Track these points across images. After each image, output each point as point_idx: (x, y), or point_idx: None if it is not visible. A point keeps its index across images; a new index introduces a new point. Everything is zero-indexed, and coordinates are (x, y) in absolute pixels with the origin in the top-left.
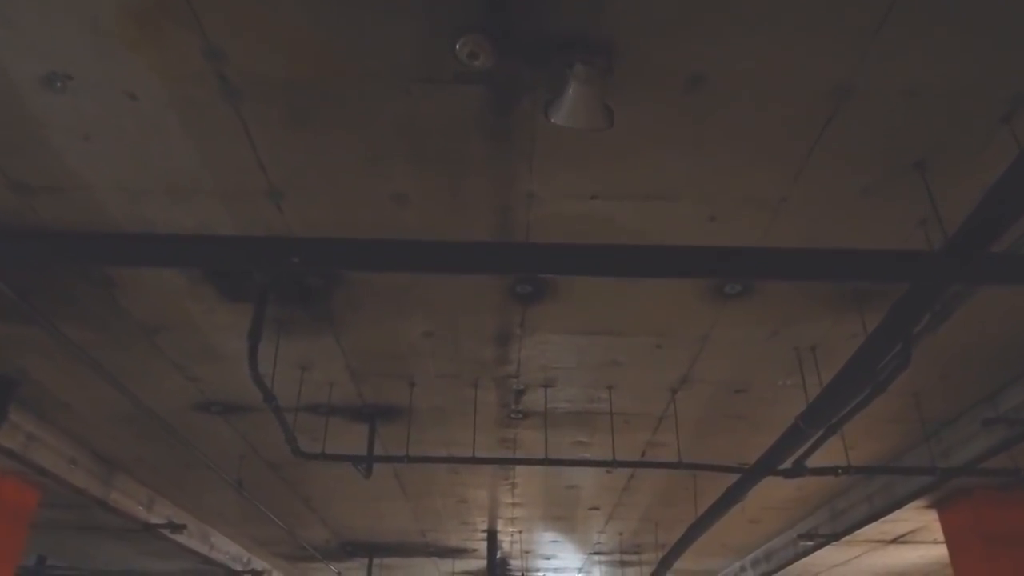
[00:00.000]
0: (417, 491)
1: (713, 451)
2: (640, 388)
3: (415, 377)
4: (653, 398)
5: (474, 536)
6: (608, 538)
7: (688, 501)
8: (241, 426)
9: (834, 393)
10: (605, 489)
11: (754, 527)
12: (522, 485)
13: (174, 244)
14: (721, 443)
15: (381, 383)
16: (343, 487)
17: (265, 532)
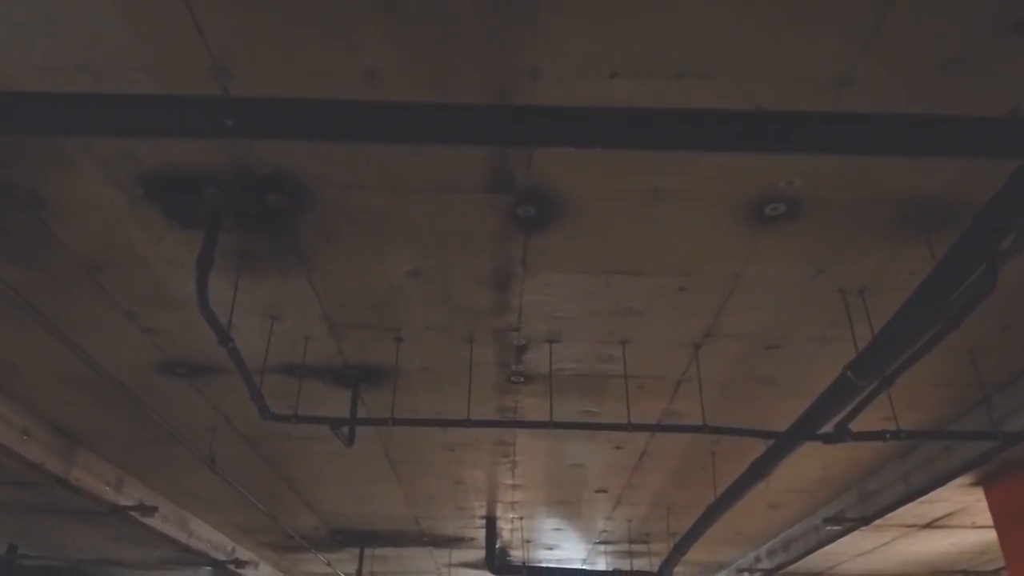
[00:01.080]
0: (409, 472)
1: (736, 421)
2: (658, 344)
3: (402, 330)
4: (672, 356)
5: (472, 524)
6: (615, 525)
7: (704, 484)
8: (210, 392)
9: (894, 334)
10: (613, 468)
11: (773, 513)
12: (523, 464)
13: (76, 106)
14: (746, 412)
15: (363, 338)
16: (328, 467)
17: (249, 519)
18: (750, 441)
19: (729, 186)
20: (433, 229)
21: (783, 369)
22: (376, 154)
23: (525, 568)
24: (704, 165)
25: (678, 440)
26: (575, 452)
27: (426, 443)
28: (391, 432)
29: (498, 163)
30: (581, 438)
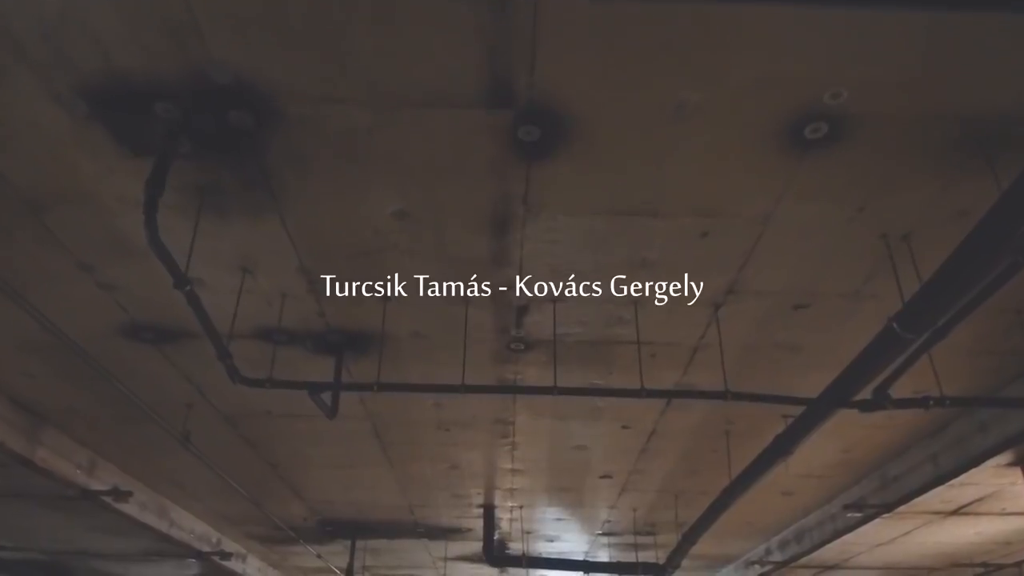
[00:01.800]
0: (401, 454)
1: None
2: (674, 304)
3: (390, 286)
4: (689, 319)
5: (468, 513)
6: (620, 515)
7: (716, 468)
8: (181, 361)
9: (951, 277)
10: (619, 451)
11: (787, 501)
12: (523, 446)
13: None
14: (766, 385)
15: (347, 297)
16: (315, 449)
17: (234, 507)
18: (767, 420)
19: (766, 100)
20: (421, 156)
21: (810, 334)
22: (353, 58)
23: (525, 559)
24: (738, 73)
25: (690, 418)
26: (579, 432)
27: (418, 421)
28: (380, 409)
29: (496, 68)
30: (585, 416)
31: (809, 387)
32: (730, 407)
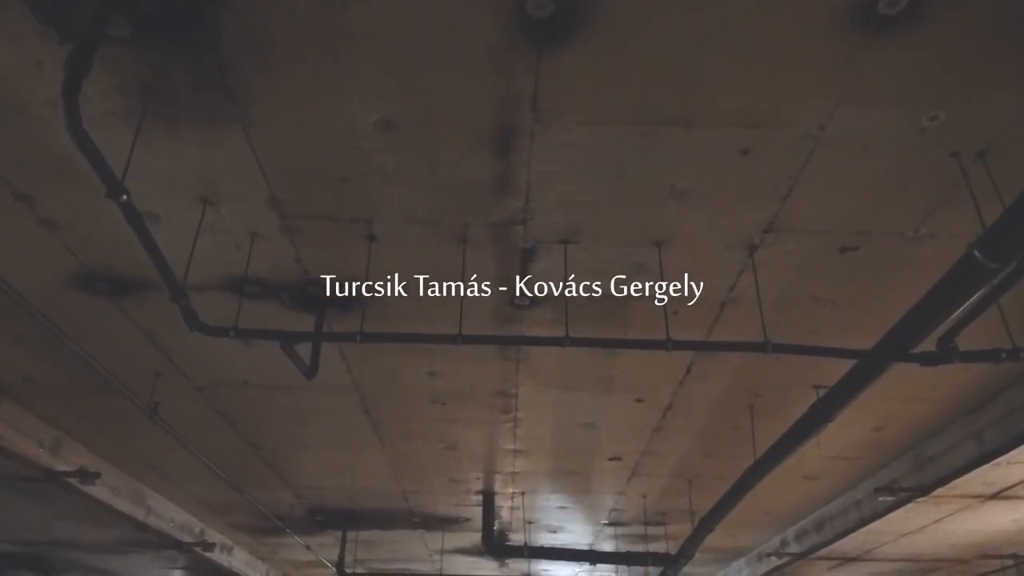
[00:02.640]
0: (393, 433)
1: (784, 359)
2: (703, 245)
3: (375, 223)
4: (719, 264)
5: (467, 500)
6: (628, 503)
7: (735, 449)
8: (142, 317)
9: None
10: (631, 429)
11: (809, 487)
12: (526, 423)
13: None
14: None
15: (326, 235)
16: (299, 428)
17: (216, 494)
18: (797, 392)
19: None
20: (407, 41)
21: (855, 285)
22: None
23: (527, 550)
24: None
25: (712, 389)
26: (587, 407)
27: (411, 394)
28: (368, 379)
29: None
30: (595, 387)
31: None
32: (757, 377)
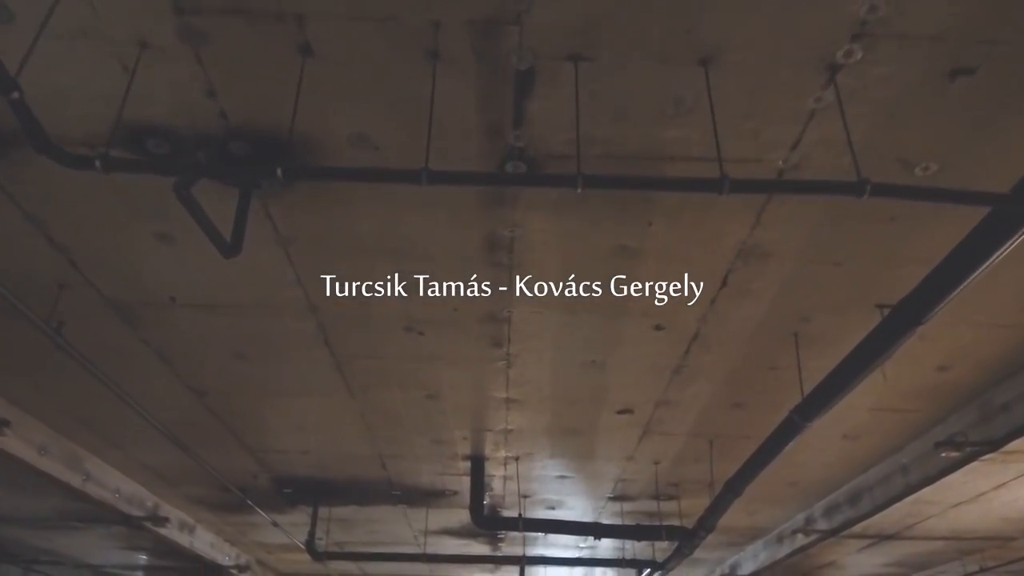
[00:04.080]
0: (363, 377)
1: (846, 270)
2: (769, 61)
3: (308, 21)
4: (788, 92)
5: (453, 468)
6: (638, 471)
7: (768, 397)
8: (21, 193)
9: None
10: (646, 371)
11: (847, 449)
12: (521, 362)
13: None
14: (866, 251)
15: (241, 45)
16: (248, 367)
17: (165, 460)
18: (855, 314)
19: None
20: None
21: (970, 118)
22: None
23: (521, 522)
24: None
25: (750, 311)
26: (595, 338)
27: (381, 318)
28: (323, 292)
29: None
30: (606, 310)
31: (915, 268)
32: (809, 293)
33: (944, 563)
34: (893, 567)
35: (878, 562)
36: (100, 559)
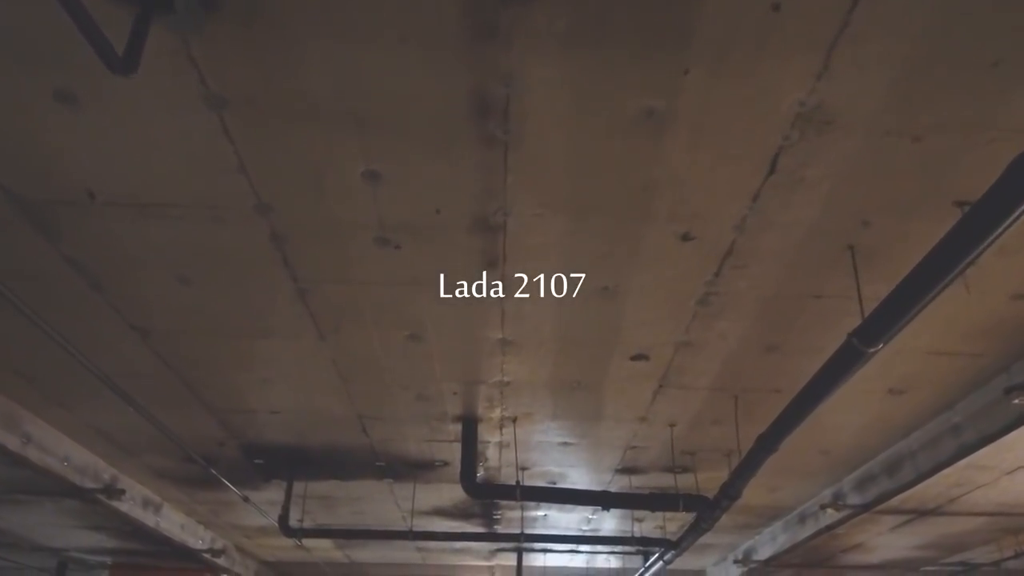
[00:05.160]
0: (333, 310)
1: (922, 151)
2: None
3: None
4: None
5: (443, 432)
6: (650, 435)
7: (813, 335)
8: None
9: None
10: (668, 300)
11: (892, 406)
12: (516, 300)
13: None
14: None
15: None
16: (193, 292)
17: (118, 423)
18: (926, 213)
19: None
20: None
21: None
22: None
23: (519, 488)
24: None
25: (798, 215)
26: (608, 252)
27: (347, 225)
28: (272, 187)
29: None
30: (621, 211)
31: (1008, 143)
32: (874, 186)
33: (980, 545)
34: (925, 550)
35: (909, 544)
36: (61, 541)
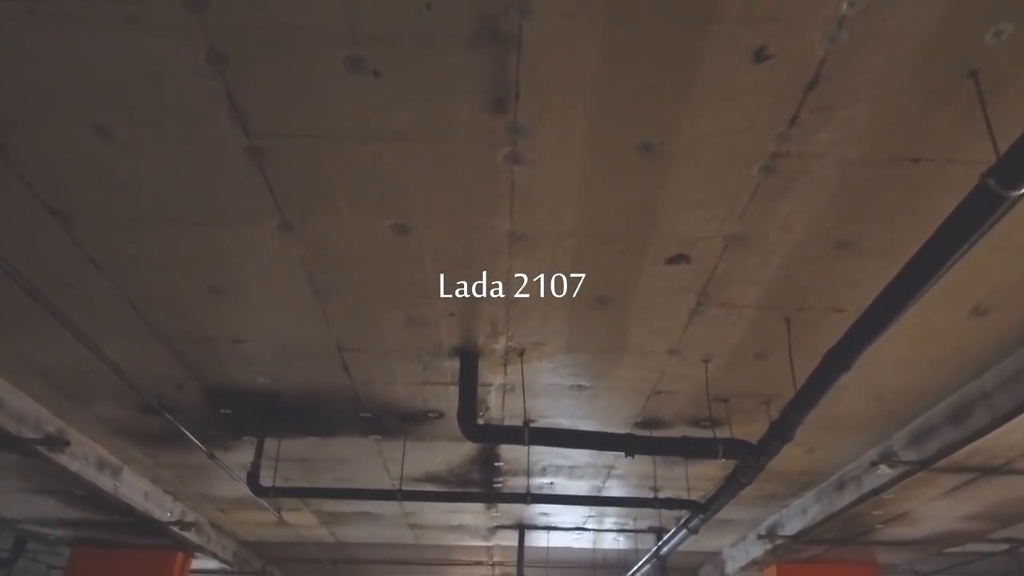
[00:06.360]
0: (295, 182)
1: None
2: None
3: None
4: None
5: (437, 370)
6: (679, 375)
7: (904, 217)
8: None
9: None
10: (723, 168)
11: (972, 330)
12: (533, 160)
13: None
14: None
15: None
16: (114, 154)
17: (60, 361)
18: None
19: None
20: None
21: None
22: None
23: (527, 430)
24: None
25: (913, 24)
26: (656, 78)
27: (308, 31)
28: None
29: None
30: (676, 10)
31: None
32: None
33: None
34: (975, 521)
35: (961, 512)
36: (11, 509)
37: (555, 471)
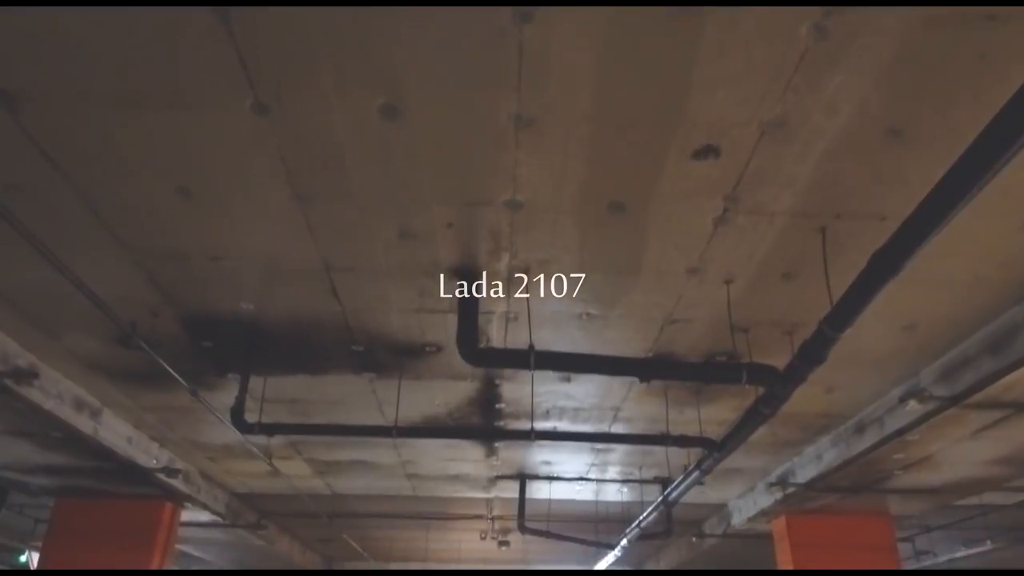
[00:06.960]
0: (269, 52)
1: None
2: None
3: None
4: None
5: (433, 295)
6: (698, 299)
7: (964, 91)
8: None
9: None
10: (764, 34)
11: (1016, 253)
12: (540, 28)
13: None
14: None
15: None
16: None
17: (24, 284)
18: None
19: None
20: None
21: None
22: None
23: (533, 354)
24: None
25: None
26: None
27: None
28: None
29: None
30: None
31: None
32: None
33: None
34: (1001, 465)
35: (987, 456)
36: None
37: (559, 413)
